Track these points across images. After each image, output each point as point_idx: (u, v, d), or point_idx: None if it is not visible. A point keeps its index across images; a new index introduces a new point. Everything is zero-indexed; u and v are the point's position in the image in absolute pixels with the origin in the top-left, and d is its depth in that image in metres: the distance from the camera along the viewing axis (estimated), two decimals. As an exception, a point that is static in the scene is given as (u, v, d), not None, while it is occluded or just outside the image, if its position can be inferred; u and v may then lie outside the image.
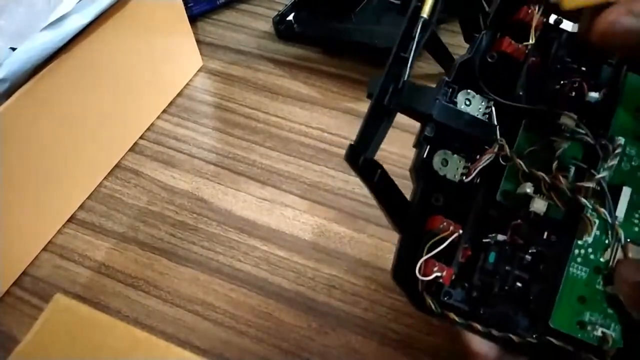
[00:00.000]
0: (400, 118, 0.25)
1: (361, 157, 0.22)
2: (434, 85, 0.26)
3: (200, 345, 0.36)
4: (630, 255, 0.23)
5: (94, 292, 0.38)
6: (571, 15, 0.26)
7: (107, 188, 0.44)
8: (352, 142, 0.21)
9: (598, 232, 0.24)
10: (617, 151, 0.24)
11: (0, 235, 0.37)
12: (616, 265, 0.23)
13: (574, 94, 0.25)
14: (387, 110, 0.23)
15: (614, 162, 0.24)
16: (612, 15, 0.19)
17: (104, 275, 0.39)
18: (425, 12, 0.24)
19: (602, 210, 0.24)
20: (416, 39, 0.23)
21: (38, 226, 0.40)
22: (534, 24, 0.26)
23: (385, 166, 0.24)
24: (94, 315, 0.28)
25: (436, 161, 0.25)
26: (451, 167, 0.25)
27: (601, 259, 0.24)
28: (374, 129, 0.23)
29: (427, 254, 0.24)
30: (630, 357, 0.23)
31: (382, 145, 0.24)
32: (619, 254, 0.23)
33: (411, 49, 0.23)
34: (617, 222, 0.24)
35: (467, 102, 0.26)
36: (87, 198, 0.43)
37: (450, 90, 0.26)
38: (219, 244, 0.40)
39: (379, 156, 0.24)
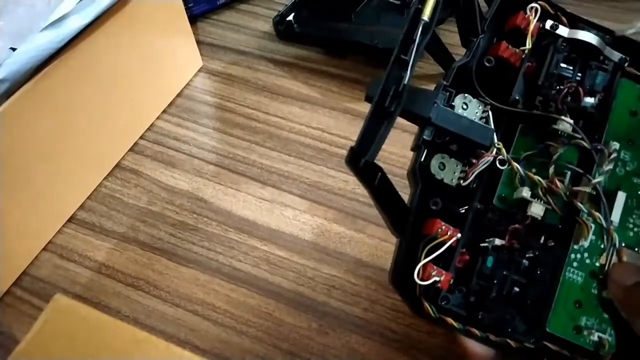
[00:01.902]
0: (400, 118, 0.25)
1: (362, 160, 0.22)
2: (433, 87, 0.26)
3: (200, 345, 0.36)
4: (624, 259, 0.23)
5: (94, 292, 0.39)
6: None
7: (107, 188, 0.44)
8: (353, 145, 0.21)
9: (594, 237, 0.25)
10: (612, 156, 0.25)
11: (0, 235, 0.37)
12: (609, 269, 0.23)
13: (569, 99, 0.26)
14: (387, 113, 0.23)
15: (610, 166, 0.24)
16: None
17: (104, 275, 0.39)
18: (426, 15, 0.24)
19: (597, 214, 0.24)
20: (417, 42, 0.23)
21: (38, 226, 0.40)
22: (530, 29, 0.26)
23: (384, 166, 0.24)
24: (94, 315, 0.28)
25: (434, 165, 0.25)
26: (448, 171, 0.25)
27: (597, 264, 0.24)
28: (374, 131, 0.23)
29: (425, 258, 0.24)
30: None
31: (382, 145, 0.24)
32: (614, 259, 0.24)
33: (412, 52, 0.23)
34: (612, 227, 0.24)
35: (464, 106, 0.26)
36: (87, 198, 0.43)
37: (448, 94, 0.26)
38: (219, 244, 0.40)
39: (379, 155, 0.24)
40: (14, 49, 0.35)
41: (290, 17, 0.53)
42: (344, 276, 0.38)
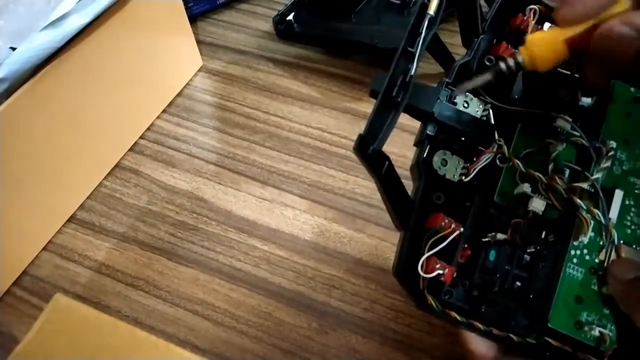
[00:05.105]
0: (400, 118, 0.25)
1: (370, 147, 0.22)
2: (434, 85, 0.27)
3: (200, 345, 0.36)
4: (623, 255, 0.24)
5: (94, 292, 0.39)
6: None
7: (107, 188, 0.44)
8: (361, 133, 0.21)
9: (592, 234, 0.25)
10: (610, 154, 0.25)
11: (0, 235, 0.37)
12: (609, 265, 0.24)
13: (567, 98, 0.26)
14: (394, 103, 0.23)
15: (607, 164, 0.25)
16: (608, 25, 0.21)
17: (104, 275, 0.39)
18: (432, 9, 0.24)
19: (596, 211, 0.24)
20: (423, 35, 0.24)
21: (38, 226, 0.40)
22: (529, 30, 0.27)
23: (385, 165, 0.24)
24: (94, 315, 0.28)
25: (436, 160, 0.26)
26: (450, 167, 0.26)
27: (596, 260, 0.25)
28: (382, 120, 0.23)
29: (428, 251, 0.24)
30: (626, 356, 0.23)
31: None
32: (613, 255, 0.24)
33: (418, 44, 0.24)
34: (610, 223, 0.24)
35: (466, 105, 0.26)
36: (87, 198, 0.43)
37: (450, 92, 0.26)
38: (219, 243, 0.40)
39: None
40: (14, 49, 0.35)
41: (290, 17, 0.53)
42: (344, 276, 0.38)
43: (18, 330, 0.37)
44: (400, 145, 0.35)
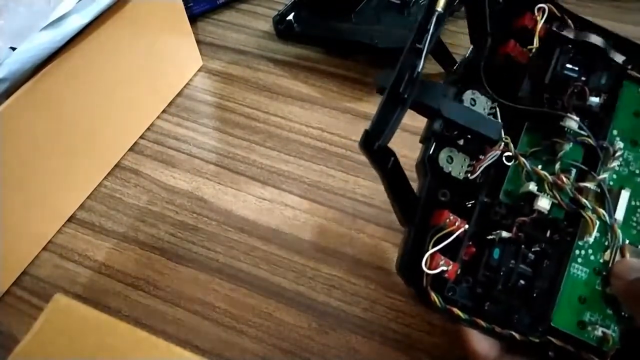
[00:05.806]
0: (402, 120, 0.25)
1: (376, 143, 0.22)
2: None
3: (200, 345, 0.36)
4: (628, 256, 0.24)
5: (94, 292, 0.38)
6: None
7: (107, 188, 0.44)
8: (367, 128, 0.21)
9: (597, 234, 0.25)
10: (617, 154, 0.25)
11: (0, 235, 0.36)
12: (613, 265, 0.24)
13: (575, 98, 0.26)
14: (401, 99, 0.23)
15: (615, 164, 0.25)
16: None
17: (104, 275, 0.39)
18: (440, 6, 0.24)
19: (602, 211, 0.24)
20: (431, 32, 0.24)
21: (38, 226, 0.40)
22: (537, 29, 0.27)
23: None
24: (94, 315, 0.28)
25: (442, 158, 0.26)
26: (456, 164, 0.26)
27: (600, 260, 0.25)
28: (388, 117, 0.23)
29: (433, 247, 0.24)
30: (628, 357, 0.23)
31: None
32: (618, 256, 0.24)
33: (426, 41, 0.24)
34: (616, 224, 0.24)
35: (473, 102, 0.26)
36: (87, 198, 0.43)
37: (457, 89, 0.26)
38: (219, 244, 0.40)
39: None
40: (13, 49, 0.35)
41: (290, 17, 0.52)
42: (344, 276, 0.38)
43: (18, 330, 0.37)
44: (402, 145, 0.35)
